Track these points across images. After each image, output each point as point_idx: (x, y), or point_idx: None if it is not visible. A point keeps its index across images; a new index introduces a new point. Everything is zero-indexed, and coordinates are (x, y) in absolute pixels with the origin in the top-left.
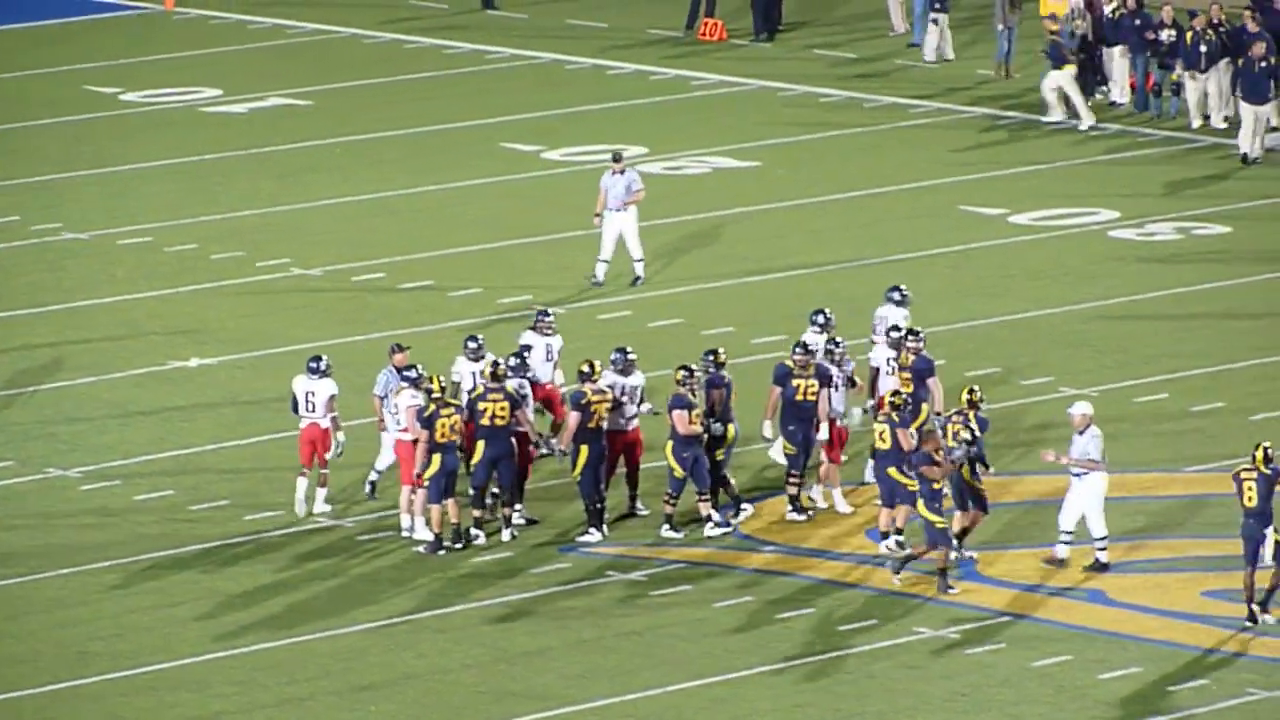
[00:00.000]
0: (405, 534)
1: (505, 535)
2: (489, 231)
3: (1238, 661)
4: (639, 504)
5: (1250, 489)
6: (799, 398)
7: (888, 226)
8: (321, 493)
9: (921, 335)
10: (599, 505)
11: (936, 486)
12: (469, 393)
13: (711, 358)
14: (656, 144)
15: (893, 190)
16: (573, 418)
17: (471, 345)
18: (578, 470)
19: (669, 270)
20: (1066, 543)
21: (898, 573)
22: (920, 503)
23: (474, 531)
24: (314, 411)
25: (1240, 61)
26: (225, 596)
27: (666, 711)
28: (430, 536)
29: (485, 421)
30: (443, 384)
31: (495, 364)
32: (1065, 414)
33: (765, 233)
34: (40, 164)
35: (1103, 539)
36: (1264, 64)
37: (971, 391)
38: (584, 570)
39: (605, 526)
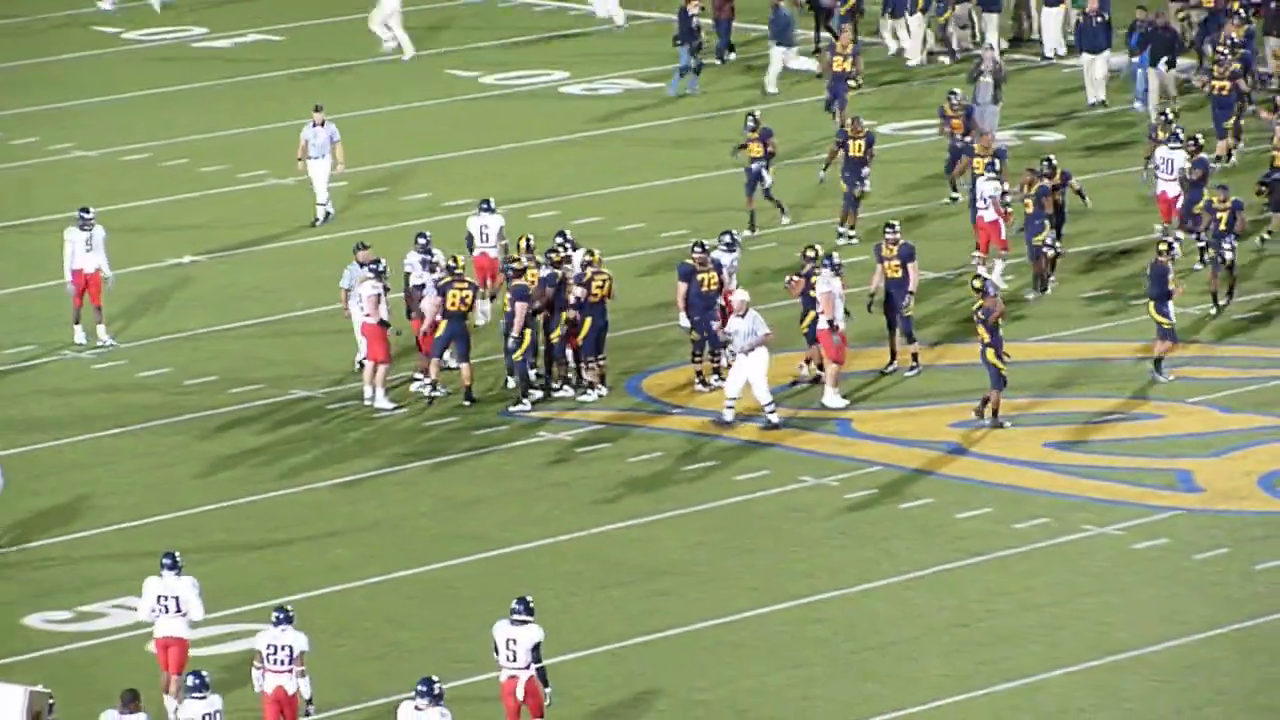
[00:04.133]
0: (367, 403)
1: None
2: (435, 145)
3: (1074, 501)
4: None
5: None
6: (703, 290)
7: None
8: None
9: (897, 226)
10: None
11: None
12: (414, 280)
13: (550, 255)
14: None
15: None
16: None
17: (420, 240)
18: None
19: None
20: (730, 407)
21: (980, 414)
22: (990, 351)
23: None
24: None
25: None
26: (216, 458)
27: (591, 550)
28: (390, 405)
29: (451, 306)
30: (460, 262)
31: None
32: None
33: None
34: (54, 93)
35: (770, 403)
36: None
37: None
38: (520, 431)
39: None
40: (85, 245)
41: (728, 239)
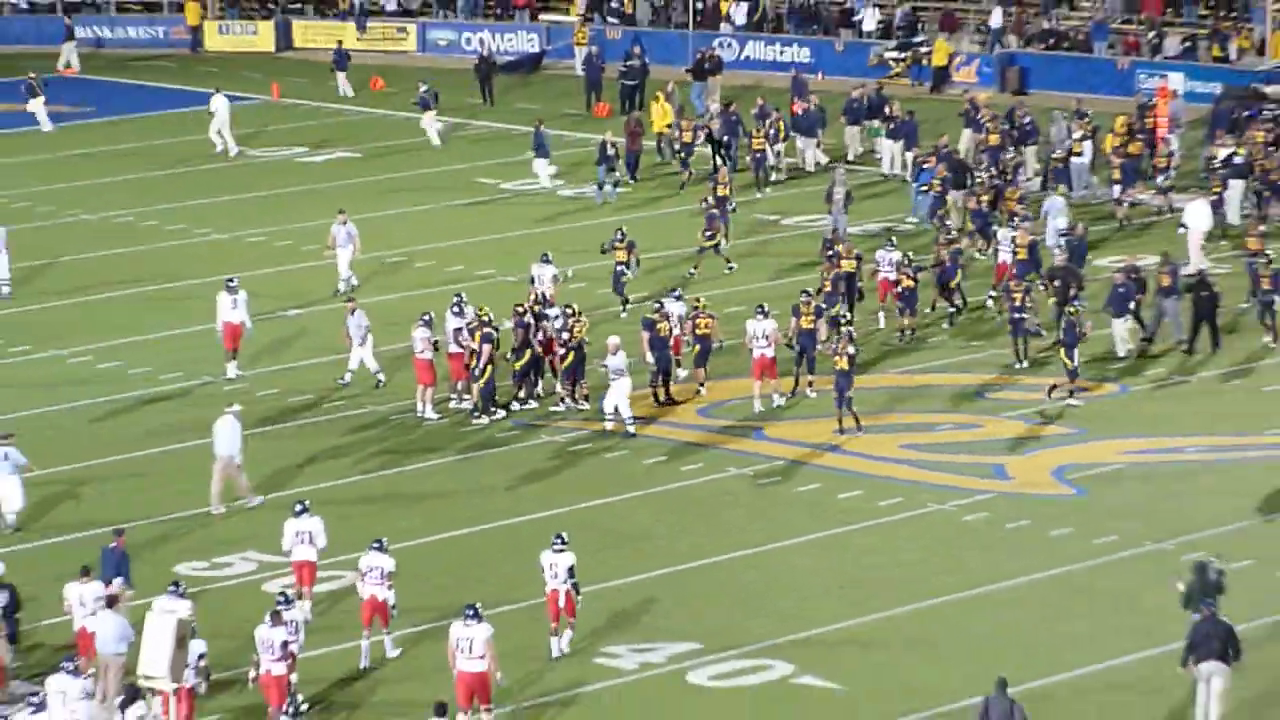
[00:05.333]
0: (419, 415)
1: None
2: (458, 233)
3: (922, 486)
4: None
5: None
6: (660, 334)
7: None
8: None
9: (811, 291)
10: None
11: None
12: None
13: (517, 308)
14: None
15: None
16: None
17: (455, 299)
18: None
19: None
20: (611, 420)
21: (1050, 393)
22: (1062, 350)
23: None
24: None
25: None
26: (314, 452)
27: (586, 519)
28: (435, 417)
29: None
30: (487, 310)
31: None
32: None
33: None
34: (198, 193)
35: (631, 418)
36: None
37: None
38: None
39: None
40: (231, 304)
41: (676, 292)
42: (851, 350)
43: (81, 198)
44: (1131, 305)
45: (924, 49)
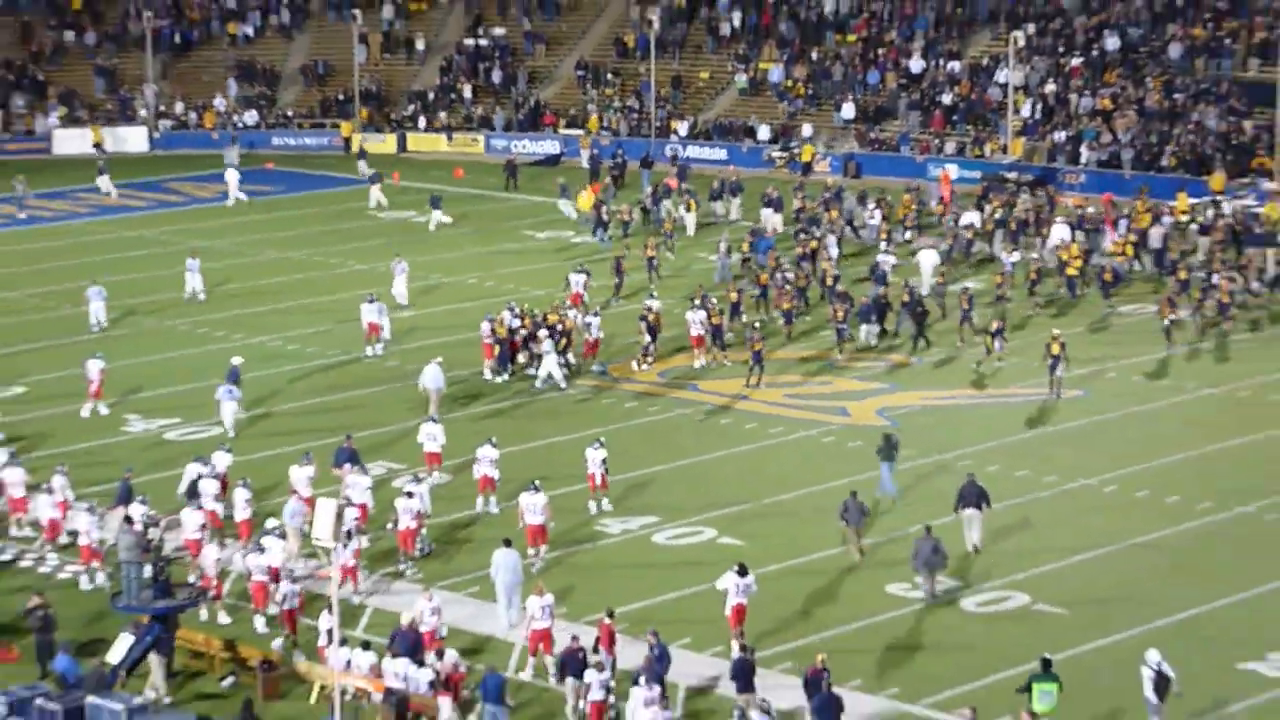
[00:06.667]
0: (485, 379)
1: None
2: (511, 263)
3: (797, 420)
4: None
5: None
6: (651, 323)
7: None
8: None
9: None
10: None
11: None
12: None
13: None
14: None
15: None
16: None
17: (510, 304)
18: None
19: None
20: (546, 383)
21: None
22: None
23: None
24: None
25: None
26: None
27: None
28: (499, 379)
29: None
30: (529, 309)
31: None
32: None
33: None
34: (349, 240)
35: (564, 377)
36: None
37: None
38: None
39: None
40: (372, 310)
41: (654, 294)
42: (761, 338)
43: (270, 243)
44: (874, 316)
45: (796, 150)
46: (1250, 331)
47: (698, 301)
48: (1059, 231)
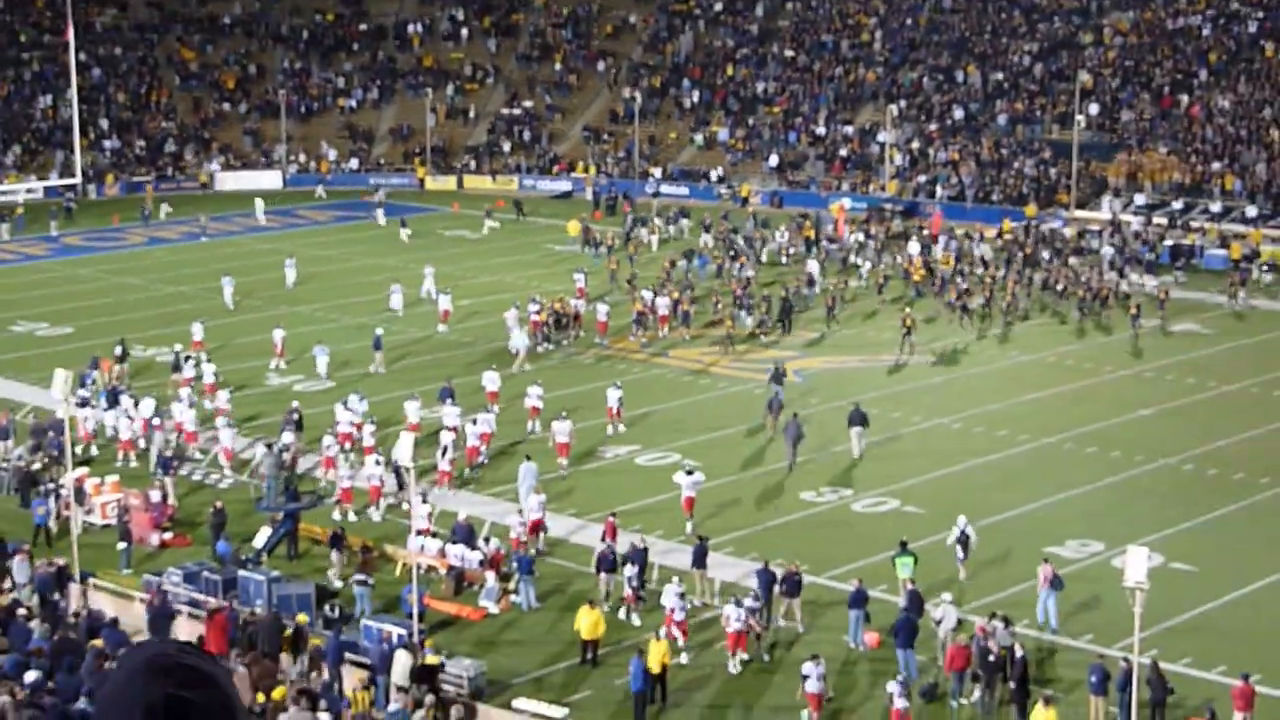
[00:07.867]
0: (511, 351)
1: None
2: (531, 267)
3: (717, 372)
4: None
5: None
6: (640, 312)
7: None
8: None
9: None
10: None
11: None
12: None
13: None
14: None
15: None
16: None
17: (533, 298)
18: None
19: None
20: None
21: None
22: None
23: None
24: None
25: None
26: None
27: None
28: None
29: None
30: (547, 301)
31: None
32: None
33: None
34: (411, 250)
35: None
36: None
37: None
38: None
39: None
40: (443, 301)
41: (650, 289)
42: (731, 322)
43: (363, 253)
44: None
45: (737, 188)
46: (1024, 320)
47: (664, 290)
48: (911, 248)
